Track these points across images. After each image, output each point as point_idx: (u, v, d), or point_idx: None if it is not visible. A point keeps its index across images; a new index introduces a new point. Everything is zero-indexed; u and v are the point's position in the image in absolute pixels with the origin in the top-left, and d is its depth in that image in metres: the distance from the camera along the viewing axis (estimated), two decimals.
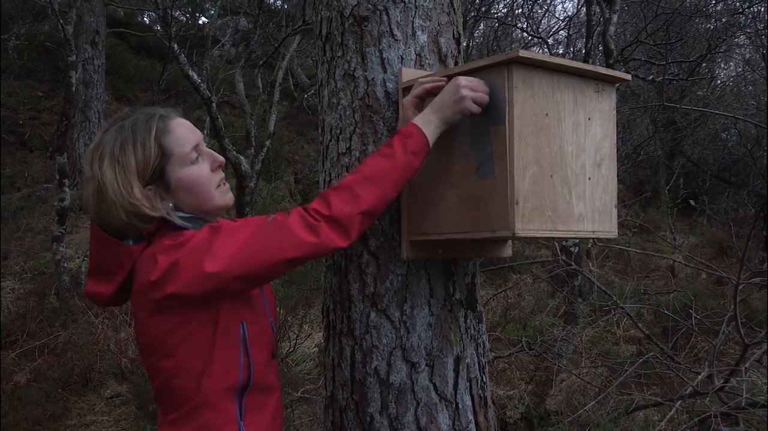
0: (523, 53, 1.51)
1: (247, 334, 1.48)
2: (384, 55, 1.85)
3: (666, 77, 6.52)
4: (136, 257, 1.45)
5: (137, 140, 1.41)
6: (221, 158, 1.54)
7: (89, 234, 1.50)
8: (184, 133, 1.48)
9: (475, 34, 12.24)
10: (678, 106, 7.54)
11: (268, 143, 8.91)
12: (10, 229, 7.52)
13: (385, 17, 1.85)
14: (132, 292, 1.47)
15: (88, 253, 6.38)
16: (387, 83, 1.85)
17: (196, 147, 1.48)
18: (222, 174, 1.55)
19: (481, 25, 12.13)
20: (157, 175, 1.44)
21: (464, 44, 2.08)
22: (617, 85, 1.79)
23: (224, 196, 1.54)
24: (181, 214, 1.48)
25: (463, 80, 1.54)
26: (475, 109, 1.54)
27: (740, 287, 3.66)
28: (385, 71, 1.85)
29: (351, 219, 1.43)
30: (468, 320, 1.92)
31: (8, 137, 9.60)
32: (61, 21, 6.28)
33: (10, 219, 7.76)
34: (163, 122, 1.45)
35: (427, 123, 1.56)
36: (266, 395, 1.54)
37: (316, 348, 5.81)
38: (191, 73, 7.54)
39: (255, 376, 1.50)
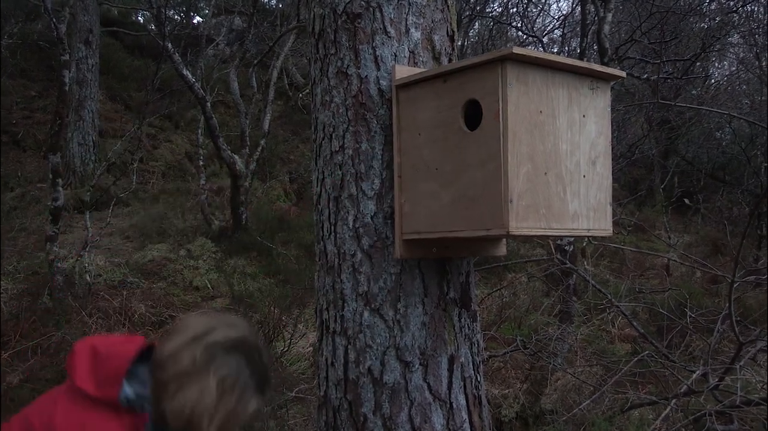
0: (516, 50, 1.49)
1: None
2: (377, 53, 1.84)
3: (660, 76, 6.52)
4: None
5: (244, 396, 1.46)
6: None
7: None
8: (251, 413, 1.51)
9: (470, 33, 12.24)
10: (673, 104, 7.55)
11: (262, 142, 8.90)
12: (3, 229, 7.47)
13: (378, 14, 1.84)
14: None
15: (81, 253, 6.38)
16: (380, 81, 1.84)
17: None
18: None
19: (476, 24, 12.14)
20: (224, 428, 1.45)
21: (458, 42, 2.07)
22: (612, 82, 1.78)
23: None
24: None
25: None
26: None
27: (735, 286, 3.65)
28: (378, 69, 1.84)
29: None
30: (462, 320, 1.91)
31: (1, 136, 9.55)
32: (54, 20, 6.24)
33: (3, 219, 7.72)
34: (257, 398, 1.50)
35: None
36: None
37: (311, 348, 5.79)
38: (185, 72, 7.52)
39: None
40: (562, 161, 1.63)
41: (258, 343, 1.56)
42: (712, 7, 9.64)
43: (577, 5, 9.61)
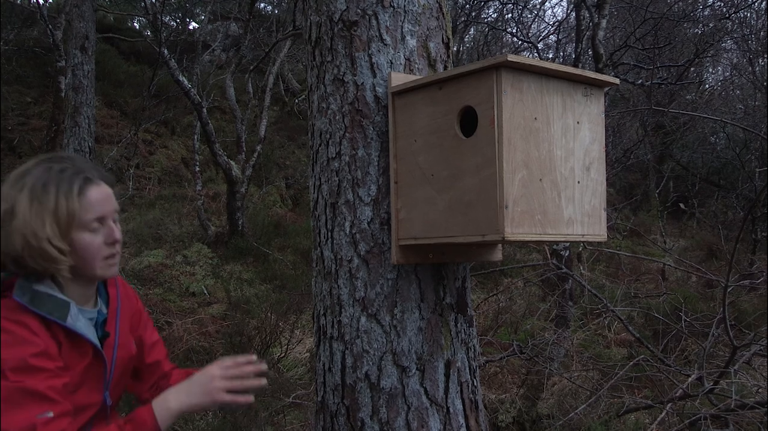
0: (511, 57, 1.51)
1: None
2: (373, 60, 1.85)
3: (655, 81, 6.56)
4: None
5: (60, 189, 1.46)
6: (119, 236, 1.55)
7: None
8: (96, 200, 1.51)
9: (466, 39, 12.29)
10: (666, 110, 7.60)
11: (259, 148, 8.91)
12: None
13: (374, 22, 1.85)
14: None
15: None
16: (377, 88, 1.85)
17: (100, 218, 1.51)
18: (115, 250, 1.56)
19: (472, 29, 12.19)
20: (62, 230, 1.47)
21: (454, 49, 2.09)
22: (606, 89, 1.80)
23: (107, 270, 1.56)
24: (41, 288, 1.47)
25: (217, 370, 1.58)
26: (229, 398, 1.57)
27: (729, 290, 3.68)
28: (374, 76, 1.85)
29: None
30: (459, 324, 1.92)
31: (1, 142, 9.53)
32: (50, 26, 6.25)
33: None
34: (84, 185, 1.49)
35: (166, 411, 1.54)
36: None
37: (308, 353, 5.79)
38: (181, 78, 7.53)
39: None
40: (557, 167, 1.64)
41: (70, 154, 1.56)
42: (706, 13, 9.71)
43: (571, 11, 9.67)
